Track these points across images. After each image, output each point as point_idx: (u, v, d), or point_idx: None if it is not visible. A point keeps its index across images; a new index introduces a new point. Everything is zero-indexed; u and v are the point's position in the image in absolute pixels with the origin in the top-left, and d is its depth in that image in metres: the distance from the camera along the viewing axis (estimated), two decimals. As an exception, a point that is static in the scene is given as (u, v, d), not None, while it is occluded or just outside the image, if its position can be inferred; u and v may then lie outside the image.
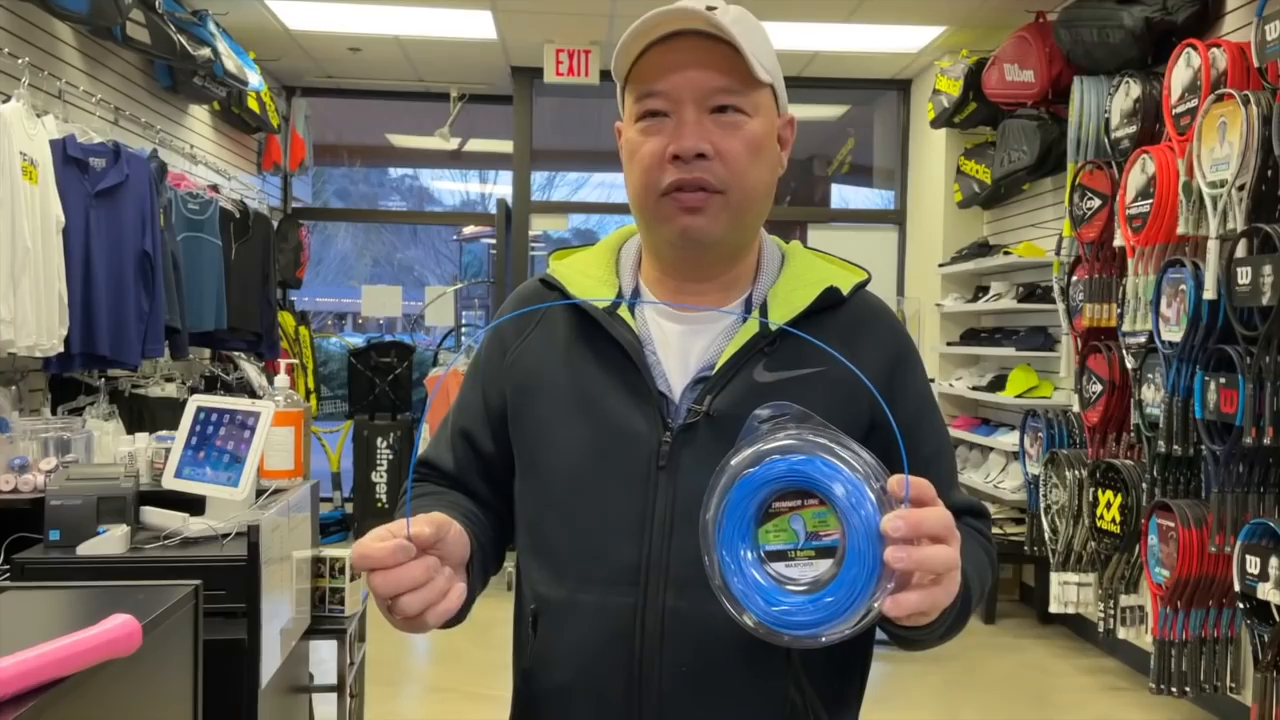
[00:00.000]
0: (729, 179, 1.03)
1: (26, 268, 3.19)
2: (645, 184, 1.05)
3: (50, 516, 2.19)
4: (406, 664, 4.30)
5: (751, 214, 1.08)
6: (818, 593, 0.81)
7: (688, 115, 1.03)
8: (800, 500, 0.83)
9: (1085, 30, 4.16)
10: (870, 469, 0.83)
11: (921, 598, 0.81)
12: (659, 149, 1.03)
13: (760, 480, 0.84)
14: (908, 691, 4.05)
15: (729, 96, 1.03)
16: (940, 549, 0.82)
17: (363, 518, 6.42)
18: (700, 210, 1.04)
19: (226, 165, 5.80)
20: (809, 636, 0.82)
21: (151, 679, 1.18)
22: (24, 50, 3.66)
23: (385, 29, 5.73)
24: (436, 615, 0.90)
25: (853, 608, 0.81)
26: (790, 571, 0.83)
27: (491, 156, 9.29)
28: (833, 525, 0.82)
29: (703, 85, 1.02)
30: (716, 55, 1.02)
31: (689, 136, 1.02)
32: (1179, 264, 3.41)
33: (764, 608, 0.82)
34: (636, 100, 1.06)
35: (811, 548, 0.83)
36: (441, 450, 1.19)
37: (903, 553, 0.80)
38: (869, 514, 0.81)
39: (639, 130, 1.06)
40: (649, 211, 1.07)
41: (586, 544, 1.05)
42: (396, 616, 0.91)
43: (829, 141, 7.89)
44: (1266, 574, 2.96)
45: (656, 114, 1.04)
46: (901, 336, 1.13)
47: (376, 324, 13.76)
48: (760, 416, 0.89)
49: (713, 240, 1.06)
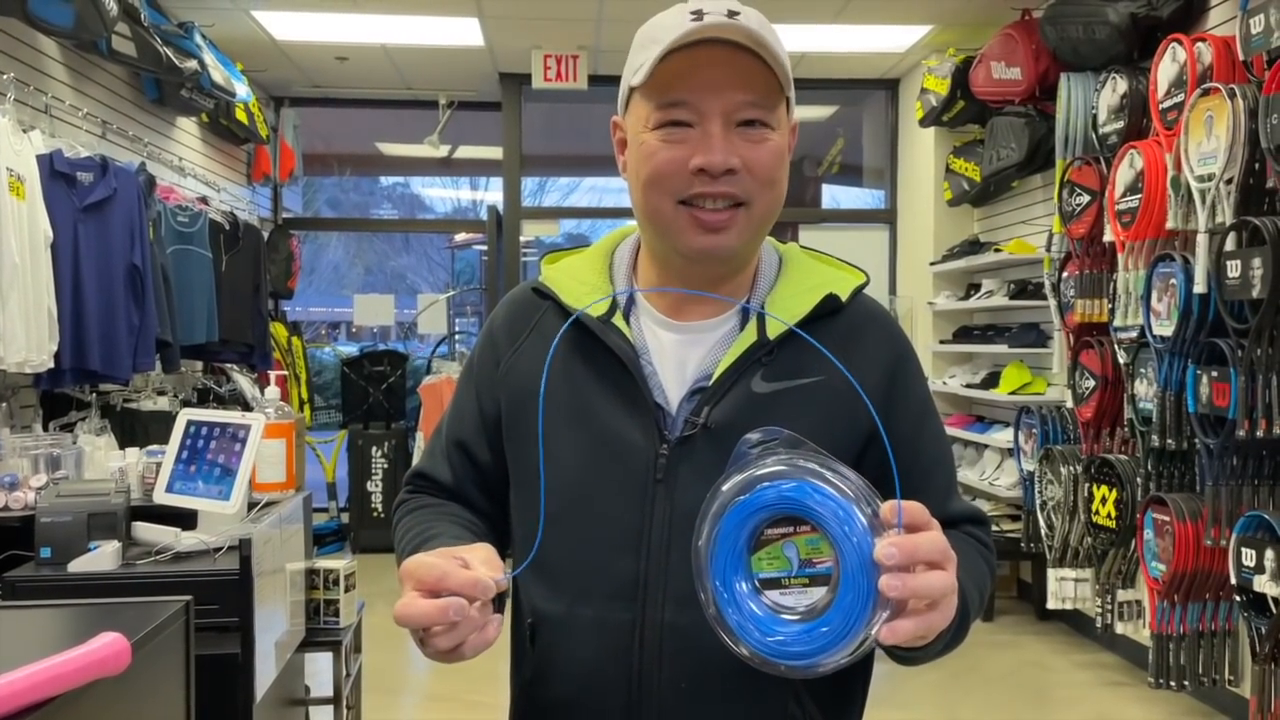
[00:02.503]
0: (756, 191, 1.01)
1: (15, 284, 3.17)
2: (660, 188, 1.02)
3: (41, 534, 2.18)
4: (403, 674, 4.29)
5: (769, 224, 1.07)
6: (813, 622, 0.80)
7: (716, 129, 0.99)
8: (792, 527, 0.82)
9: (1071, 26, 4.17)
10: (861, 493, 0.81)
11: (917, 624, 0.80)
12: (681, 158, 1.00)
13: (751, 508, 0.82)
14: (907, 690, 4.05)
15: (756, 111, 1.00)
16: (936, 575, 0.80)
17: (358, 527, 6.41)
18: (724, 229, 1.01)
19: (216, 177, 5.79)
20: (805, 667, 0.81)
21: (142, 697, 1.17)
22: (9, 65, 3.65)
23: (372, 38, 5.72)
24: (473, 648, 0.89)
25: (848, 637, 0.79)
26: (785, 600, 0.82)
27: (482, 163, 9.26)
28: (826, 552, 0.81)
29: (733, 100, 0.99)
30: (746, 69, 0.99)
31: (719, 151, 0.99)
32: (1169, 258, 3.42)
33: (759, 638, 0.81)
34: (658, 107, 1.01)
35: (805, 575, 0.81)
36: (437, 461, 1.17)
37: (897, 580, 0.78)
38: (861, 540, 0.79)
39: (659, 137, 1.01)
40: (663, 219, 1.03)
41: (583, 558, 1.03)
42: (429, 649, 0.89)
43: (818, 142, 7.89)
44: (1263, 566, 2.96)
45: (679, 123, 1.01)
46: (900, 340, 1.12)
47: (370, 333, 13.73)
48: (750, 441, 0.88)
49: (730, 256, 1.04)
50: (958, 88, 5.19)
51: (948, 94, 5.25)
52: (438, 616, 0.85)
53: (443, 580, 0.86)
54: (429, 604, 0.85)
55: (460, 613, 0.85)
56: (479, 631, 0.88)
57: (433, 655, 0.89)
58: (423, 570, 0.87)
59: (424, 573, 0.87)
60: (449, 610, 0.85)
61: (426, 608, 0.85)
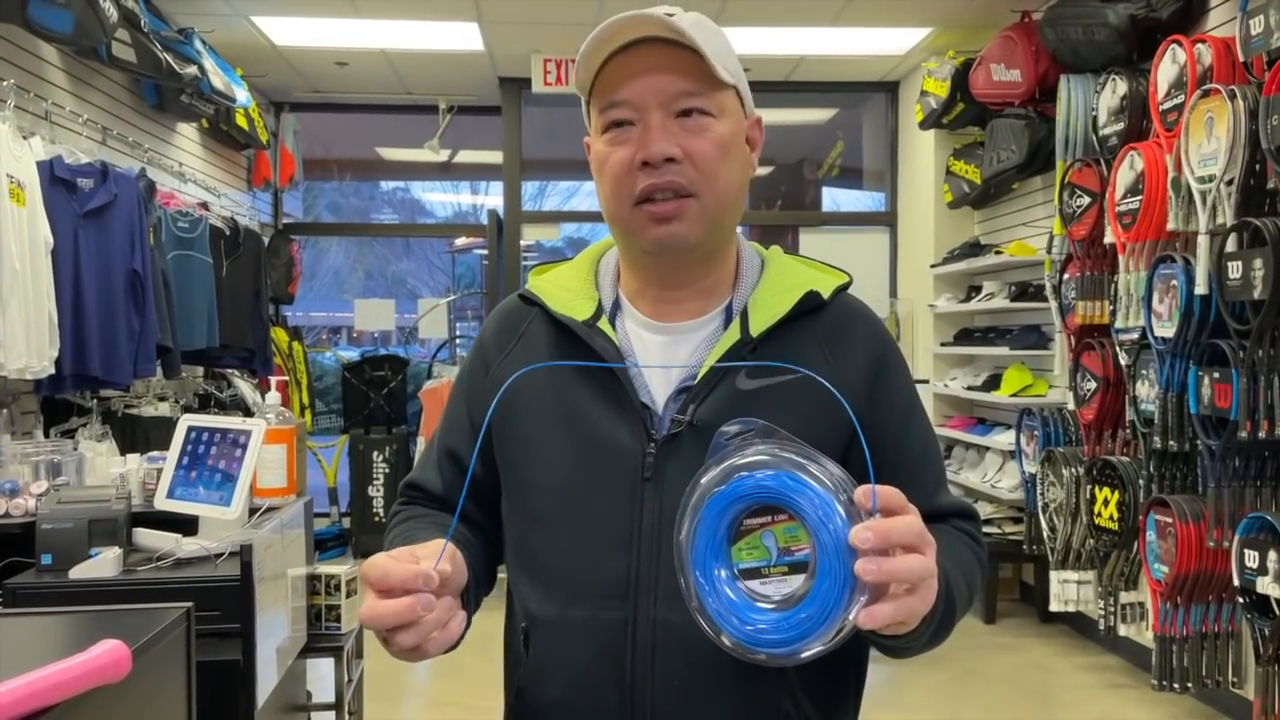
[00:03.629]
0: (700, 181, 1.03)
1: (15, 290, 3.18)
2: (617, 194, 1.05)
3: (42, 540, 2.17)
4: (405, 679, 4.28)
5: (726, 215, 1.07)
6: (791, 609, 0.81)
7: (653, 120, 1.02)
8: (771, 516, 0.82)
9: (1071, 28, 4.17)
10: (839, 482, 0.82)
11: (896, 608, 0.80)
12: (627, 157, 1.03)
13: (730, 497, 0.83)
14: (909, 693, 4.04)
15: (693, 99, 1.03)
16: (912, 558, 0.80)
17: (360, 532, 6.40)
18: (674, 218, 1.03)
19: (216, 182, 5.79)
20: (786, 654, 0.81)
21: (143, 704, 1.16)
22: (9, 72, 3.65)
23: (372, 43, 5.72)
24: (436, 645, 0.90)
25: (827, 623, 0.80)
26: (765, 589, 0.82)
27: (482, 167, 9.28)
28: (804, 540, 0.81)
29: (666, 90, 1.02)
30: (677, 60, 1.02)
31: (656, 141, 1.01)
32: (1170, 260, 3.42)
33: (739, 626, 0.82)
34: (601, 112, 1.05)
35: (784, 563, 0.82)
36: (429, 472, 1.18)
37: (873, 564, 0.78)
38: (838, 527, 0.80)
39: (606, 141, 1.05)
40: (623, 222, 1.06)
41: (574, 559, 1.04)
42: (394, 648, 0.90)
43: (818, 145, 7.90)
44: (1265, 568, 2.95)
45: (622, 123, 1.04)
46: (884, 338, 1.12)
47: (371, 338, 13.74)
48: (728, 433, 0.88)
49: (689, 245, 1.05)
50: (957, 90, 5.20)
51: (947, 96, 5.25)
52: (406, 614, 0.86)
53: (384, 579, 0.87)
54: (392, 603, 0.86)
55: (428, 607, 0.86)
56: (441, 629, 0.89)
57: (397, 654, 0.90)
58: (372, 572, 0.88)
59: (372, 574, 0.88)
60: (415, 607, 0.86)
61: (391, 607, 0.86)
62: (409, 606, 0.86)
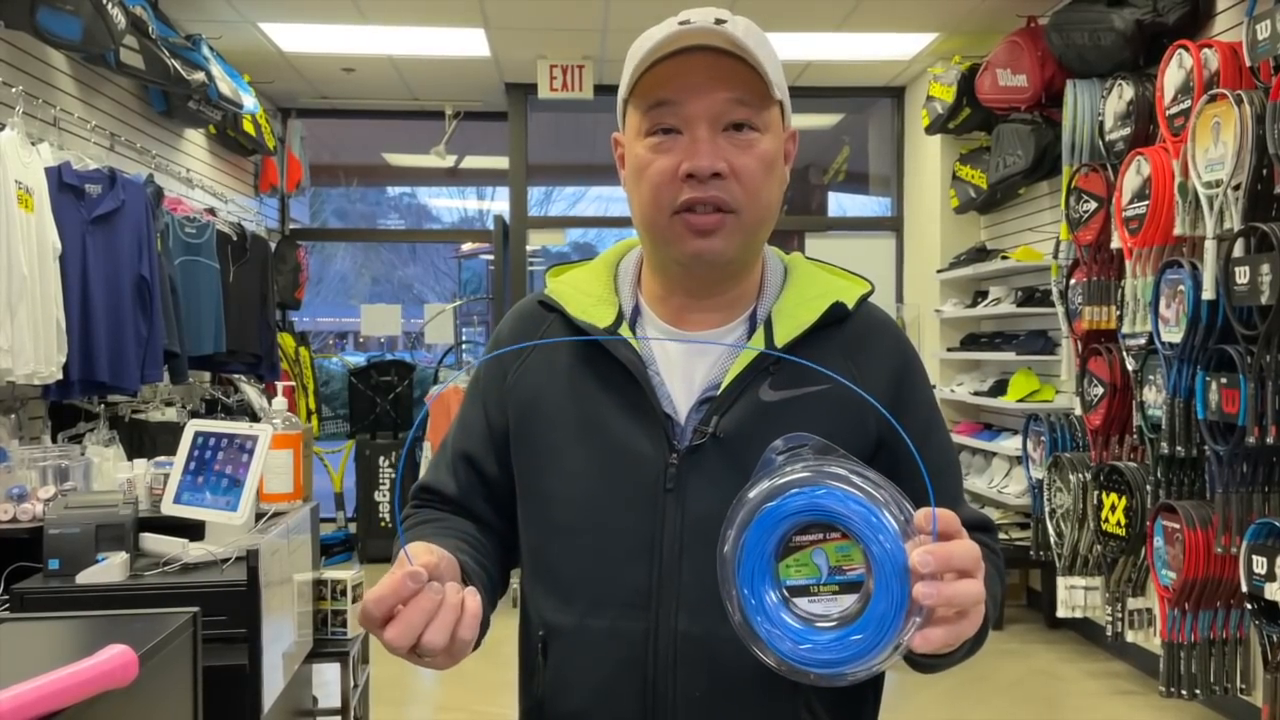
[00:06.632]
0: (744, 198, 1.01)
1: (23, 296, 3.19)
2: (656, 202, 1.02)
3: (49, 545, 2.18)
4: (412, 684, 4.28)
5: (762, 231, 1.06)
6: (845, 629, 0.79)
7: (702, 133, 1.00)
8: (822, 534, 0.81)
9: (1077, 33, 4.16)
10: (892, 499, 0.80)
11: (947, 632, 0.79)
12: (671, 166, 1.01)
13: (780, 514, 0.81)
14: (917, 698, 4.04)
15: (744, 114, 1.01)
16: (968, 584, 0.79)
17: (366, 537, 6.41)
18: (714, 232, 1.01)
19: (223, 188, 5.80)
20: (834, 675, 0.80)
21: (150, 709, 1.17)
22: (18, 79, 3.67)
23: (378, 49, 5.74)
24: (466, 628, 0.84)
25: (881, 644, 0.78)
26: (813, 607, 0.81)
27: (488, 173, 9.30)
28: (856, 559, 0.80)
29: (719, 103, 1.00)
30: (732, 72, 1.00)
31: (705, 155, 0.99)
32: (1177, 265, 3.41)
33: (790, 647, 0.80)
34: (646, 116, 1.03)
35: (835, 582, 0.80)
36: (442, 474, 1.16)
37: (933, 589, 0.77)
38: (894, 549, 0.78)
39: (648, 146, 1.03)
40: (659, 230, 1.04)
41: (595, 569, 1.03)
42: (427, 658, 0.85)
43: (824, 150, 7.90)
44: (1274, 574, 2.94)
45: (669, 130, 1.01)
46: (906, 348, 1.12)
47: (377, 343, 13.76)
48: (777, 448, 0.87)
49: (725, 260, 1.04)
50: (963, 95, 5.19)
51: (953, 101, 5.24)
52: (399, 588, 0.82)
53: (379, 601, 0.83)
54: (381, 583, 0.83)
55: (418, 580, 0.82)
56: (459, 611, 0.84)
57: (436, 664, 0.86)
58: (366, 606, 0.85)
59: (368, 606, 0.84)
60: (405, 581, 0.82)
61: (379, 589, 0.83)
62: (399, 580, 0.82)
